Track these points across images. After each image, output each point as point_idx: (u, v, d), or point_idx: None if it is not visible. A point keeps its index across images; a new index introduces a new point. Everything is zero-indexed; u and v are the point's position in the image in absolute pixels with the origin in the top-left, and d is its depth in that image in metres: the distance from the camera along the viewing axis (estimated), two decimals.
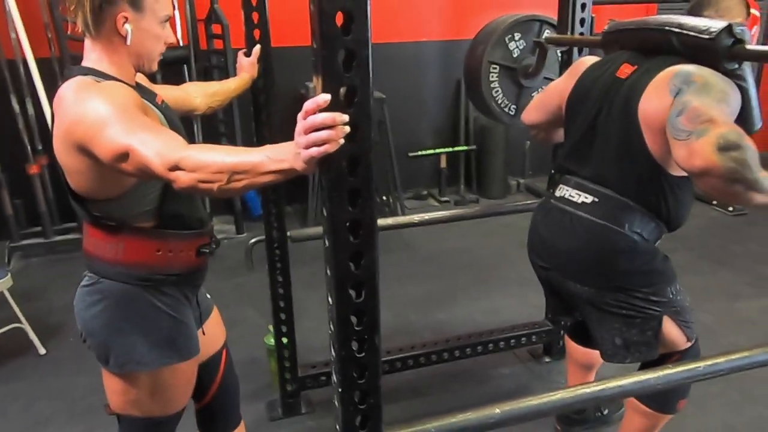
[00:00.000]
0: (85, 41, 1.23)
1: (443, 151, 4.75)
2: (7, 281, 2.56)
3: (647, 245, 1.57)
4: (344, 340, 0.87)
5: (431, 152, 4.73)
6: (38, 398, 2.44)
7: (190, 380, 1.41)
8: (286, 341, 2.20)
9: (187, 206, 1.34)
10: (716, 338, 2.65)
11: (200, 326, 1.46)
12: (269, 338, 2.33)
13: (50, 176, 3.67)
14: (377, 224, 0.84)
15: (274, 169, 0.94)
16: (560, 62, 2.30)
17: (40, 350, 2.72)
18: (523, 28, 2.26)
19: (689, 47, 1.45)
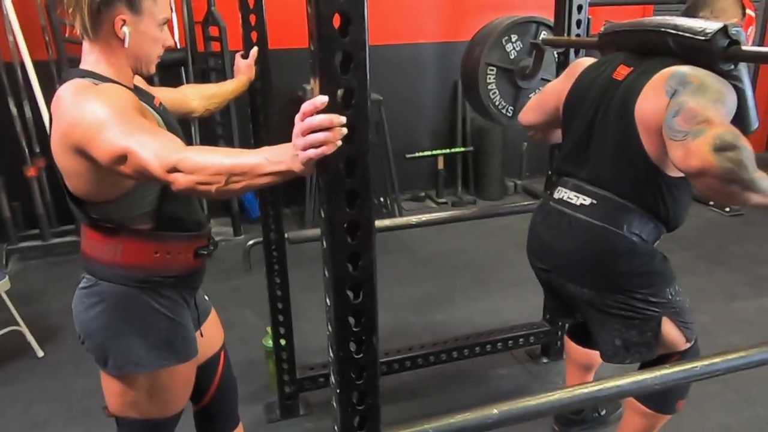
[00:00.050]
0: (83, 44, 1.24)
1: (440, 152, 4.76)
2: (4, 284, 2.56)
3: (646, 246, 1.58)
4: (342, 341, 0.87)
5: (428, 154, 4.73)
6: (36, 401, 2.43)
7: (188, 382, 1.41)
8: (284, 343, 2.19)
9: (185, 208, 1.34)
10: (713, 338, 2.65)
11: (198, 328, 1.46)
12: (267, 340, 2.33)
13: (48, 179, 3.66)
14: (375, 225, 0.84)
15: (271, 170, 0.94)
16: (557, 63, 2.30)
17: (38, 353, 2.71)
18: (520, 29, 2.26)
19: (685, 48, 1.46)
